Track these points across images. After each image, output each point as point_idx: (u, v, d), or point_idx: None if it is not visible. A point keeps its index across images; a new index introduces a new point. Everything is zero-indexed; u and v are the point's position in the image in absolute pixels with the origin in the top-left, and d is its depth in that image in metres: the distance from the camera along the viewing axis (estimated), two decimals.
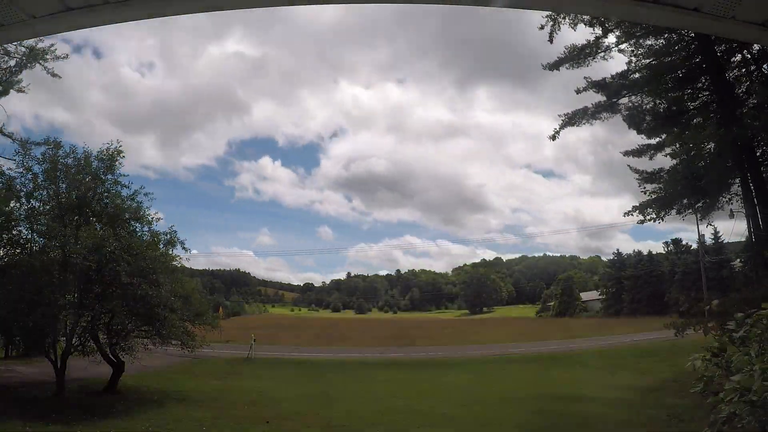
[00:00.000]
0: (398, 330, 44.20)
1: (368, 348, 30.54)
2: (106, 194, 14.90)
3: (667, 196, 20.43)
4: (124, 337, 14.47)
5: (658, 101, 20.43)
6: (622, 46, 20.09)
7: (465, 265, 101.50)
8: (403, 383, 17.64)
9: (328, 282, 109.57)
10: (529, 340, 31.64)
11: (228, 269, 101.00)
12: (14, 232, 13.91)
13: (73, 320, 13.53)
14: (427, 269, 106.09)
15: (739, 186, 19.86)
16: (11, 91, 19.66)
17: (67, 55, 20.90)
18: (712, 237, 47.14)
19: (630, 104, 20.75)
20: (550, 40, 19.31)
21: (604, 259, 75.49)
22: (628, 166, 21.62)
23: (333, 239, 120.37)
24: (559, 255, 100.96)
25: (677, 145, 19.55)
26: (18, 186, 14.06)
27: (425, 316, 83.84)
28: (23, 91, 20.29)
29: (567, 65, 20.34)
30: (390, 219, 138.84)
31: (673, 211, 20.91)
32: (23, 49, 19.14)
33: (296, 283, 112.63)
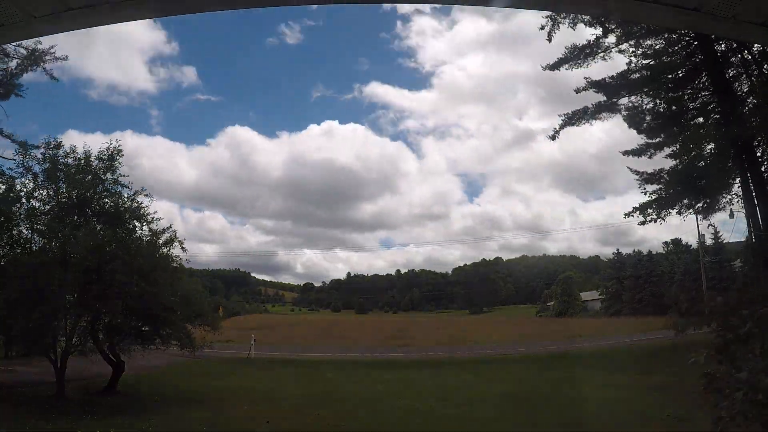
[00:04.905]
0: (398, 330, 44.06)
1: (368, 348, 30.48)
2: (106, 194, 14.90)
3: (667, 196, 20.43)
4: (124, 338, 14.46)
5: (658, 101, 20.43)
6: (622, 46, 20.11)
7: (465, 265, 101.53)
8: (403, 383, 17.61)
9: (328, 282, 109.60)
10: (529, 340, 31.58)
11: (228, 269, 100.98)
12: (14, 232, 13.90)
13: (73, 320, 13.52)
14: (428, 269, 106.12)
15: (739, 186, 19.88)
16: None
17: (66, 56, 20.88)
18: (712, 237, 47.14)
19: (630, 104, 20.78)
20: (549, 40, 19.36)
21: (604, 259, 75.54)
22: (628, 167, 21.65)
23: None
24: (559, 255, 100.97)
25: (677, 145, 19.56)
26: (18, 186, 14.08)
27: (425, 316, 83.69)
28: (22, 96, 20.28)
29: (567, 65, 20.38)
30: None
31: (674, 212, 20.92)
32: (23, 51, 19.11)
33: (296, 283, 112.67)
